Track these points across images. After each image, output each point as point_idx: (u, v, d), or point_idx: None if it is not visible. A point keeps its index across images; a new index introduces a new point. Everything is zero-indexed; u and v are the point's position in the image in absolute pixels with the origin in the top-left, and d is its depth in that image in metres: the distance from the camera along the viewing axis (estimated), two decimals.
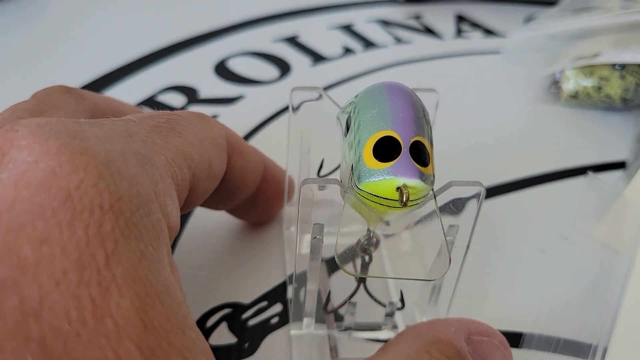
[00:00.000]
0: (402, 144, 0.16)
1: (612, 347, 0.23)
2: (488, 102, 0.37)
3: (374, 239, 0.20)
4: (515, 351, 0.23)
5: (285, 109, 0.34)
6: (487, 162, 0.32)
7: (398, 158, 0.16)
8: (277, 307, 0.24)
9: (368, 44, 0.41)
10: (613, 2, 0.40)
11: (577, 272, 0.26)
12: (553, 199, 0.30)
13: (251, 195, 0.24)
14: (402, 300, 0.22)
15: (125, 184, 0.14)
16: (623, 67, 0.35)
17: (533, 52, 0.39)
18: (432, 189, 0.18)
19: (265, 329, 0.23)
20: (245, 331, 0.23)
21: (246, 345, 0.22)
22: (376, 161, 0.16)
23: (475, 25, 0.44)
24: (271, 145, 0.26)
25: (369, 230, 0.20)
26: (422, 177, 0.16)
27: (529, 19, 0.45)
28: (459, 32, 0.43)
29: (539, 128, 0.36)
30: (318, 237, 0.19)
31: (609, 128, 0.35)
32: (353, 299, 0.21)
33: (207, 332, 0.22)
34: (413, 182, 0.16)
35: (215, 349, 0.22)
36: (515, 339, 0.23)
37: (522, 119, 0.36)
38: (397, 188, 0.16)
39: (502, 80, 0.39)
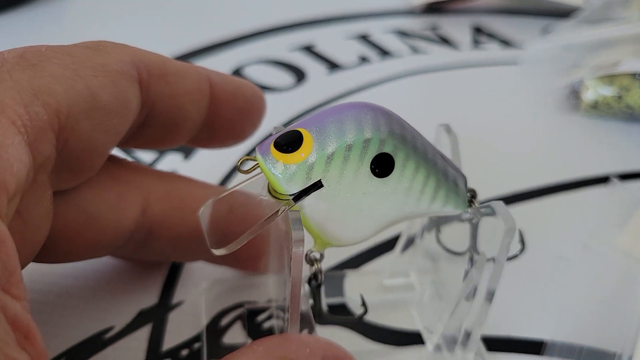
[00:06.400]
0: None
1: (638, 355, 0.22)
2: (506, 112, 0.37)
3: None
4: (537, 359, 0.22)
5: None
6: (506, 171, 0.32)
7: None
8: None
9: (384, 53, 0.41)
10: (631, 13, 0.39)
11: (599, 281, 0.26)
12: (574, 207, 0.30)
13: (205, 122, 0.20)
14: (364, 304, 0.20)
15: None
16: None
17: (551, 63, 0.39)
18: (287, 200, 0.17)
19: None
20: (260, 333, 0.22)
21: None
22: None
23: (492, 36, 0.44)
24: None
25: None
26: (265, 154, 0.17)
27: (546, 30, 0.45)
28: (475, 43, 0.43)
29: (559, 138, 0.35)
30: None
31: (630, 138, 0.35)
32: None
33: (221, 331, 0.22)
34: (258, 156, 0.17)
35: (229, 348, 0.21)
36: (537, 347, 0.23)
37: (541, 129, 0.36)
38: None
39: (520, 91, 0.39)
